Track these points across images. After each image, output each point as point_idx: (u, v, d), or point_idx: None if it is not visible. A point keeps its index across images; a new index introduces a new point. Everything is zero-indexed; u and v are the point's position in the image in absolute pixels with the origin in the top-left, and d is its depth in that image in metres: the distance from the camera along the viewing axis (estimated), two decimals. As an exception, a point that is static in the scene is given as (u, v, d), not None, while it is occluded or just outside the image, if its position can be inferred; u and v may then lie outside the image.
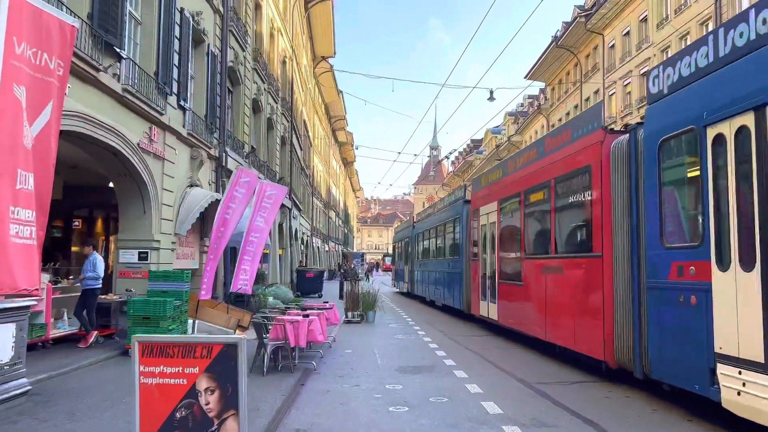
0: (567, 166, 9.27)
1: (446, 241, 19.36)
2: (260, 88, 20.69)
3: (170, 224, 12.44)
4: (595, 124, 8.56)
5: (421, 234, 24.48)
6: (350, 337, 13.12)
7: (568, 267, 9.18)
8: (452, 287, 17.84)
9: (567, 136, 9.49)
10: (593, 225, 8.25)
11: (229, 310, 14.02)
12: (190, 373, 3.30)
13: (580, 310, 8.71)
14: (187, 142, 13.32)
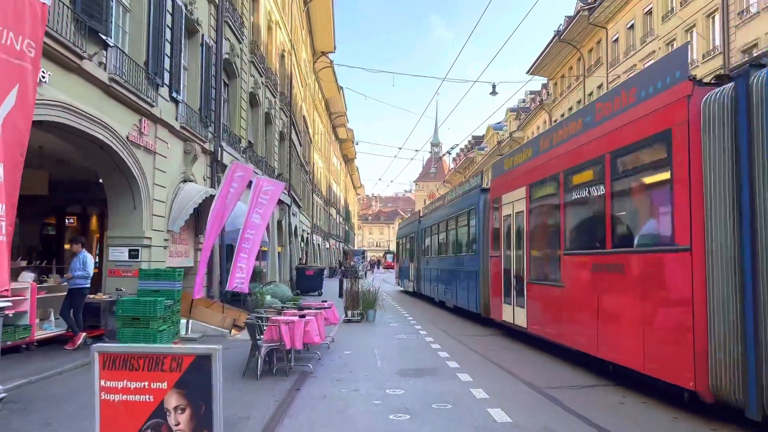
0: (631, 134, 7.30)
1: (459, 236, 17.49)
2: (257, 81, 20.22)
3: (162, 221, 11.99)
4: (678, 75, 6.48)
5: (429, 229, 22.50)
6: (350, 337, 12.67)
7: (634, 264, 7.24)
8: (466, 287, 15.92)
9: (630, 97, 7.52)
10: (675, 209, 6.34)
11: (224, 309, 13.59)
12: (158, 388, 2.84)
13: (653, 320, 6.78)
14: (180, 136, 12.86)
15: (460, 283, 16.74)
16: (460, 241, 17.34)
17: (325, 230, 57.98)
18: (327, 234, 59.62)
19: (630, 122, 7.38)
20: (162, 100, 11.83)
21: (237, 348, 10.56)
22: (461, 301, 16.62)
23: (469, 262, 15.69)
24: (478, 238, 14.85)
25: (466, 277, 16.07)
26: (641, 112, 7.12)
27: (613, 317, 7.73)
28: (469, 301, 15.53)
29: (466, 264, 16.01)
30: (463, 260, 16.43)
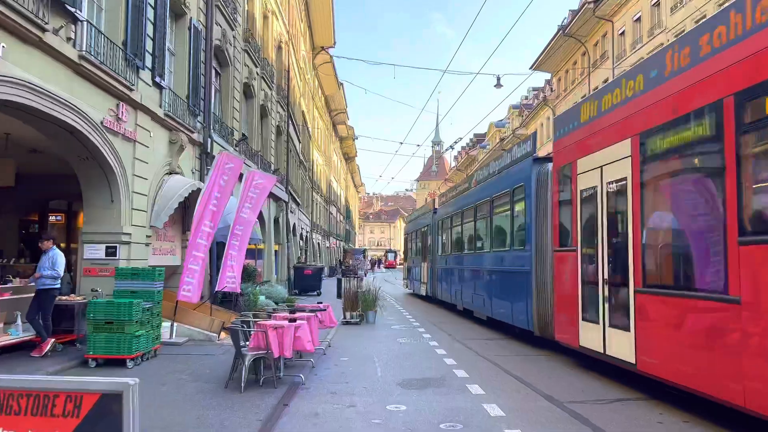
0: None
1: (496, 226, 13.41)
2: (252, 72, 19.28)
3: (144, 216, 11.05)
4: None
5: (448, 220, 18.57)
6: (348, 341, 11.74)
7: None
8: (509, 294, 11.92)
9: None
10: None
11: (212, 311, 12.67)
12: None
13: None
14: (164, 125, 11.92)
15: (499, 287, 12.83)
16: (498, 233, 13.31)
17: (326, 229, 57.05)
18: (327, 233, 58.68)
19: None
20: (143, 85, 10.89)
21: (224, 353, 9.65)
22: (500, 312, 12.56)
23: (514, 259, 11.66)
24: (528, 226, 10.79)
25: (507, 280, 12.07)
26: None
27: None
28: (515, 314, 11.40)
29: (509, 262, 12.03)
30: (504, 258, 12.52)
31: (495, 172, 14.23)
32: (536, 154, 11.53)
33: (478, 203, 14.77)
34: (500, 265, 12.74)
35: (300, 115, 34.65)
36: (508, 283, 12.05)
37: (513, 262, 11.78)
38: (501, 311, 12.52)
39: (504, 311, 12.29)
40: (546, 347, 10.36)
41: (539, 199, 10.54)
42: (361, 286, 15.68)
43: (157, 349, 9.74)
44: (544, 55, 46.21)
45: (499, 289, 12.87)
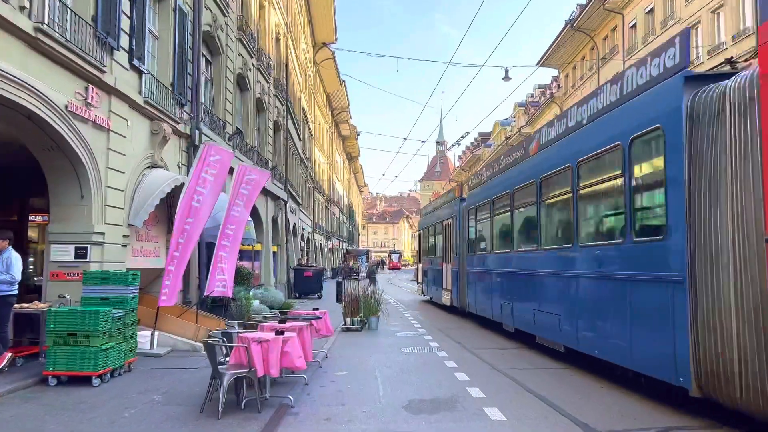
0: None
1: (590, 205, 8.69)
2: (247, 62, 18.20)
3: (120, 213, 9.96)
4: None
5: (487, 206, 13.58)
6: (347, 350, 10.61)
7: None
8: (625, 318, 7.19)
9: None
10: None
11: (198, 317, 11.56)
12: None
13: None
14: (144, 113, 10.83)
15: (596, 305, 8.09)
16: (593, 216, 8.63)
17: (328, 229, 55.96)
18: (330, 233, 57.59)
19: None
20: (118, 68, 9.80)
21: (208, 366, 8.49)
22: (599, 345, 7.92)
23: (638, 258, 6.97)
24: (674, 198, 6.24)
25: (619, 292, 7.37)
26: None
27: None
28: (639, 352, 6.86)
29: (623, 263, 7.30)
30: (609, 256, 7.72)
31: (585, 119, 8.77)
32: (689, 69, 6.45)
33: (547, 175, 9.86)
34: (600, 269, 7.85)
35: (300, 112, 33.58)
36: (622, 299, 7.24)
37: (634, 263, 6.99)
38: (601, 343, 7.81)
39: (609, 344, 7.56)
40: (567, 360, 9.22)
41: (700, 145, 5.91)
42: (367, 290, 14.58)
43: (132, 362, 8.64)
44: (551, 51, 45.01)
45: (596, 307, 8.04)
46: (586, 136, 8.58)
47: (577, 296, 8.55)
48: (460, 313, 16.98)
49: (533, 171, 10.63)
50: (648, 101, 6.96)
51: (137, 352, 9.76)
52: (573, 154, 8.80)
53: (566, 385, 7.69)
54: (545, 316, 9.73)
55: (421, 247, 25.87)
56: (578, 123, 9.01)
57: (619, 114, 7.66)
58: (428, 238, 22.87)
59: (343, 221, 74.79)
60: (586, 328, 8.25)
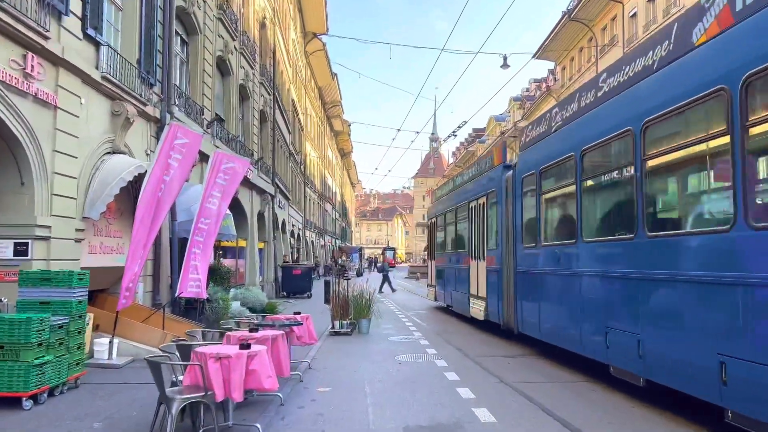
0: None
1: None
2: (228, 44, 16.89)
3: (72, 204, 8.67)
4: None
5: (573, 162, 8.26)
6: (333, 359, 9.36)
7: None
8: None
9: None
10: None
11: (167, 322, 10.30)
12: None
13: None
14: (103, 91, 9.54)
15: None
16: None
17: (320, 226, 54.65)
18: (322, 230, 56.28)
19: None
20: (68, 36, 8.50)
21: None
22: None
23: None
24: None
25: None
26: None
27: None
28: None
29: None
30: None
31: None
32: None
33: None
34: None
35: (289, 104, 32.25)
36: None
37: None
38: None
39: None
40: (585, 371, 8.02)
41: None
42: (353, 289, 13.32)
43: (80, 377, 7.38)
44: (548, 42, 43.86)
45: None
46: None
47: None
48: (502, 332, 11.80)
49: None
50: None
51: (92, 364, 8.55)
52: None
53: (588, 404, 6.48)
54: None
55: (432, 240, 19.96)
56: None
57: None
58: (445, 228, 17.47)
59: (335, 218, 73.48)
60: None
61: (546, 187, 9.48)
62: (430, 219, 20.43)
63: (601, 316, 7.30)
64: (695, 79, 5.58)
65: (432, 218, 20.05)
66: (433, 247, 19.97)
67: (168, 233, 12.02)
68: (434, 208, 19.96)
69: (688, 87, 5.64)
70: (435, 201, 20.50)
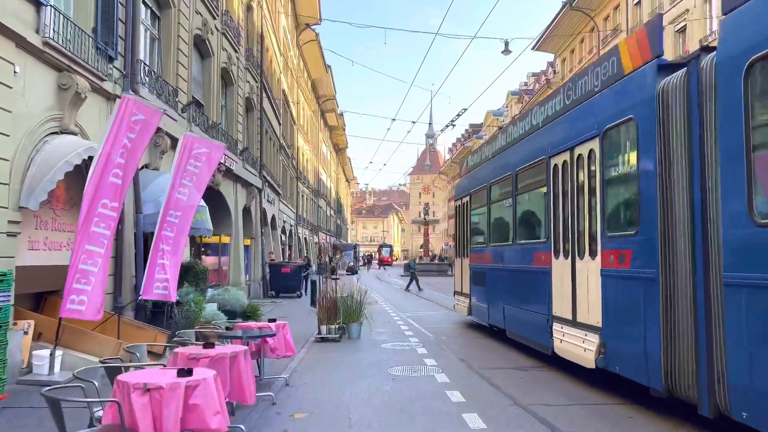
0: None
1: None
2: (208, 23, 15.50)
3: (4, 191, 7.29)
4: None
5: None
6: (316, 374, 8.00)
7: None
8: None
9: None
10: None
11: (127, 329, 8.92)
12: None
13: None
14: (47, 60, 8.15)
15: None
16: None
17: (314, 223, 53.25)
18: (316, 227, 54.89)
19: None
20: (-6, -11, 7.11)
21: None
22: None
23: None
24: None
25: None
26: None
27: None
28: None
29: None
30: None
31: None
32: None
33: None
34: None
35: (280, 94, 30.83)
36: None
37: None
38: None
39: None
40: (612, 388, 6.69)
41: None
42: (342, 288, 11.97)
43: (1, 400, 6.01)
44: (548, 33, 42.53)
45: None
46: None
47: None
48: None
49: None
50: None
51: (28, 381, 7.22)
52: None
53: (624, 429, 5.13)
54: None
55: (463, 228, 13.91)
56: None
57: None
58: (488, 208, 11.67)
59: (330, 215, 72.08)
60: None
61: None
62: (457, 200, 14.35)
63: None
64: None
65: (462, 197, 13.86)
66: (464, 239, 13.72)
67: (131, 227, 10.65)
68: (467, 182, 13.69)
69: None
70: (469, 171, 14.02)
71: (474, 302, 12.53)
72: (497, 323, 10.79)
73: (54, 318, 8.18)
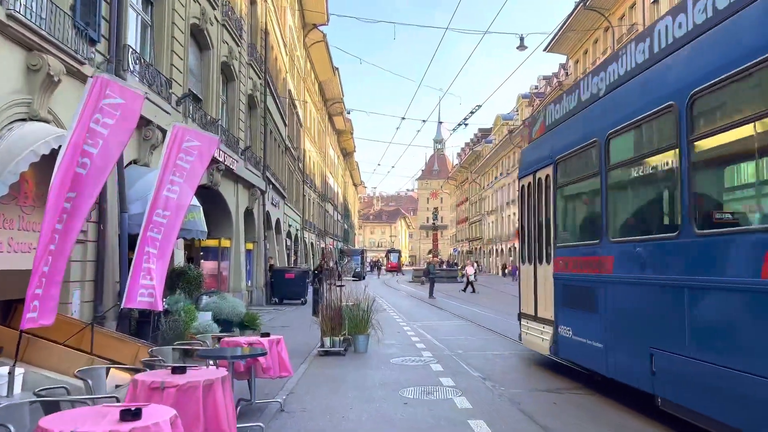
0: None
1: None
2: (206, 12, 14.55)
3: (-44, 183, 6.30)
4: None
5: None
6: (316, 397, 6.92)
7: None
8: None
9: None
10: None
11: (104, 341, 7.88)
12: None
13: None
14: (13, 37, 7.19)
15: None
16: None
17: (320, 228, 52.25)
18: (323, 232, 53.90)
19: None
20: (-52, -49, 6.14)
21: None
22: None
23: None
24: None
25: None
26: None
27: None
28: None
29: None
30: None
31: None
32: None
33: None
34: None
35: (285, 93, 29.90)
36: None
37: None
38: None
39: None
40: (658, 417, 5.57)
41: None
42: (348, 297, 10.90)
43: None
44: (561, 33, 41.44)
45: None
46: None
47: None
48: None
49: None
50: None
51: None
52: None
53: None
54: None
55: (538, 217, 9.28)
56: None
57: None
58: (603, 180, 7.02)
59: (337, 219, 71.11)
60: None
61: None
62: (531, 173, 9.39)
63: None
64: None
65: (538, 169, 9.10)
66: (540, 234, 9.07)
67: (115, 228, 9.65)
68: (550, 142, 8.87)
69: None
70: (549, 129, 9.12)
71: (568, 335, 7.69)
72: (636, 381, 6.11)
73: (15, 331, 7.18)
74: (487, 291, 30.31)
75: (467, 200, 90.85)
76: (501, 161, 67.00)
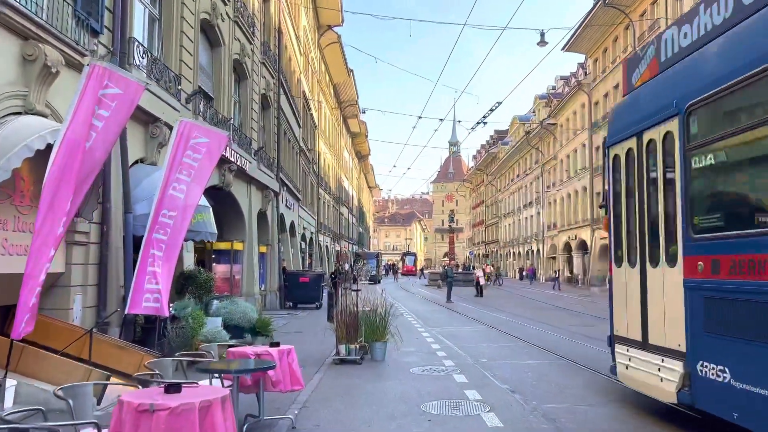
0: None
1: None
2: (217, 8, 14.10)
3: (-58, 180, 5.82)
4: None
5: None
6: (330, 411, 6.32)
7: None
8: None
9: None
10: None
11: (105, 350, 7.38)
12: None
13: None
14: (6, 24, 6.73)
15: None
16: None
17: (335, 231, 51.76)
18: (338, 235, 53.41)
19: None
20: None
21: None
22: None
23: None
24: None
25: None
26: None
27: None
28: None
29: None
30: None
31: None
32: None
33: None
34: None
35: (300, 94, 29.46)
36: None
37: None
38: None
39: None
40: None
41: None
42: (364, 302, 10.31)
43: None
44: (580, 31, 40.56)
45: None
46: None
47: None
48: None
49: None
50: None
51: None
52: None
53: None
54: None
55: (646, 198, 6.31)
56: None
57: None
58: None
59: (352, 222, 70.61)
60: None
61: None
62: (633, 134, 6.58)
63: None
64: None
65: (651, 123, 6.19)
66: (666, 223, 5.88)
67: (120, 230, 9.17)
68: (682, 79, 5.87)
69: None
70: (679, 56, 6.02)
71: (718, 377, 4.93)
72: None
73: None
74: (500, 293, 29.53)
75: (483, 203, 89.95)
76: (517, 163, 66.15)
